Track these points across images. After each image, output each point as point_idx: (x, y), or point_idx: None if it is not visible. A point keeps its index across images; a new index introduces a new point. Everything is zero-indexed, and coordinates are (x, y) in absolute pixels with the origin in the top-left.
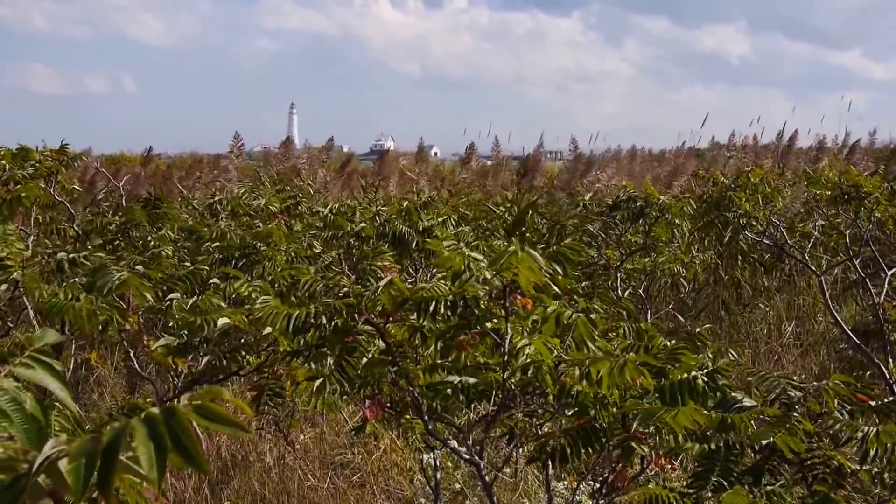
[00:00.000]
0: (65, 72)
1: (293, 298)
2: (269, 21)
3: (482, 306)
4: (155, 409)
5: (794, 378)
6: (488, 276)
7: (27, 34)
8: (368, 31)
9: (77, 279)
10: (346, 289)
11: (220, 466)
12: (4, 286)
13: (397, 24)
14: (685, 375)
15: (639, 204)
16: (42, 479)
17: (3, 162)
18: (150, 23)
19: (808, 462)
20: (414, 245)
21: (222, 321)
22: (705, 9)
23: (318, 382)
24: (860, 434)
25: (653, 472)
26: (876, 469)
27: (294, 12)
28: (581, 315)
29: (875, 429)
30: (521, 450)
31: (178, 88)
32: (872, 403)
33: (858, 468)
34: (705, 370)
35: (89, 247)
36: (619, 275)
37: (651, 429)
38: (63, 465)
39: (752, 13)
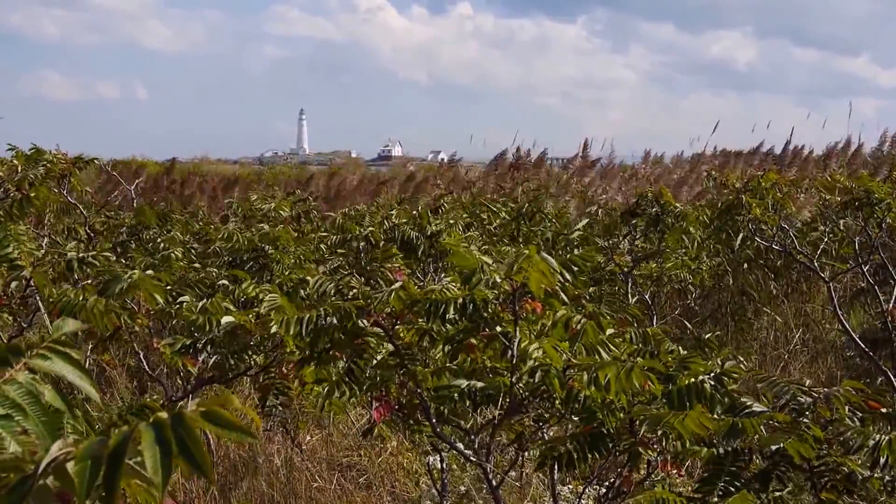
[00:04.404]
0: (77, 78)
1: (301, 298)
2: (276, 28)
3: (491, 309)
4: (163, 414)
5: (803, 384)
6: (499, 280)
7: (39, 41)
8: (375, 39)
9: (90, 281)
10: (354, 290)
11: (229, 467)
12: (14, 283)
13: (403, 31)
14: (693, 380)
15: (654, 211)
16: (50, 480)
17: (15, 163)
18: (160, 30)
19: (818, 469)
20: (422, 250)
21: (226, 319)
22: (711, 14)
23: (325, 387)
24: (871, 442)
25: (659, 478)
26: (887, 477)
27: (301, 20)
28: (590, 321)
29: (887, 437)
30: (528, 453)
31: (188, 94)
32: (884, 411)
33: (868, 475)
34: (712, 374)
35: (99, 246)
36: (628, 280)
37: (659, 433)
38: (70, 466)
39: (758, 19)
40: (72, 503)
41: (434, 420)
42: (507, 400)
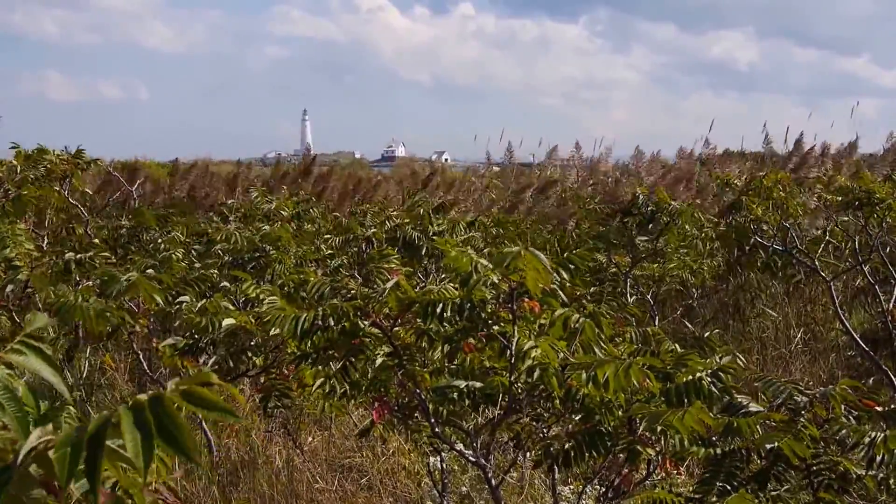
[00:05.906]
0: (78, 78)
1: (300, 300)
2: (278, 28)
3: (489, 309)
4: (142, 396)
5: (801, 384)
6: (496, 280)
7: (40, 42)
8: (377, 39)
9: (89, 282)
10: (353, 291)
11: (230, 468)
12: (11, 286)
13: (405, 31)
14: (690, 377)
15: (650, 209)
16: (34, 468)
17: (14, 163)
18: (161, 30)
19: (815, 467)
20: (424, 250)
21: (227, 322)
22: (712, 15)
23: (319, 381)
24: (867, 440)
25: (659, 477)
26: (882, 475)
27: (303, 20)
28: (587, 319)
29: (882, 434)
30: (528, 453)
31: (190, 95)
32: (879, 409)
33: (864, 474)
34: (710, 371)
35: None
36: (627, 280)
37: (658, 430)
38: (51, 454)
39: (759, 19)
40: (57, 490)
41: (433, 420)
42: (506, 399)
